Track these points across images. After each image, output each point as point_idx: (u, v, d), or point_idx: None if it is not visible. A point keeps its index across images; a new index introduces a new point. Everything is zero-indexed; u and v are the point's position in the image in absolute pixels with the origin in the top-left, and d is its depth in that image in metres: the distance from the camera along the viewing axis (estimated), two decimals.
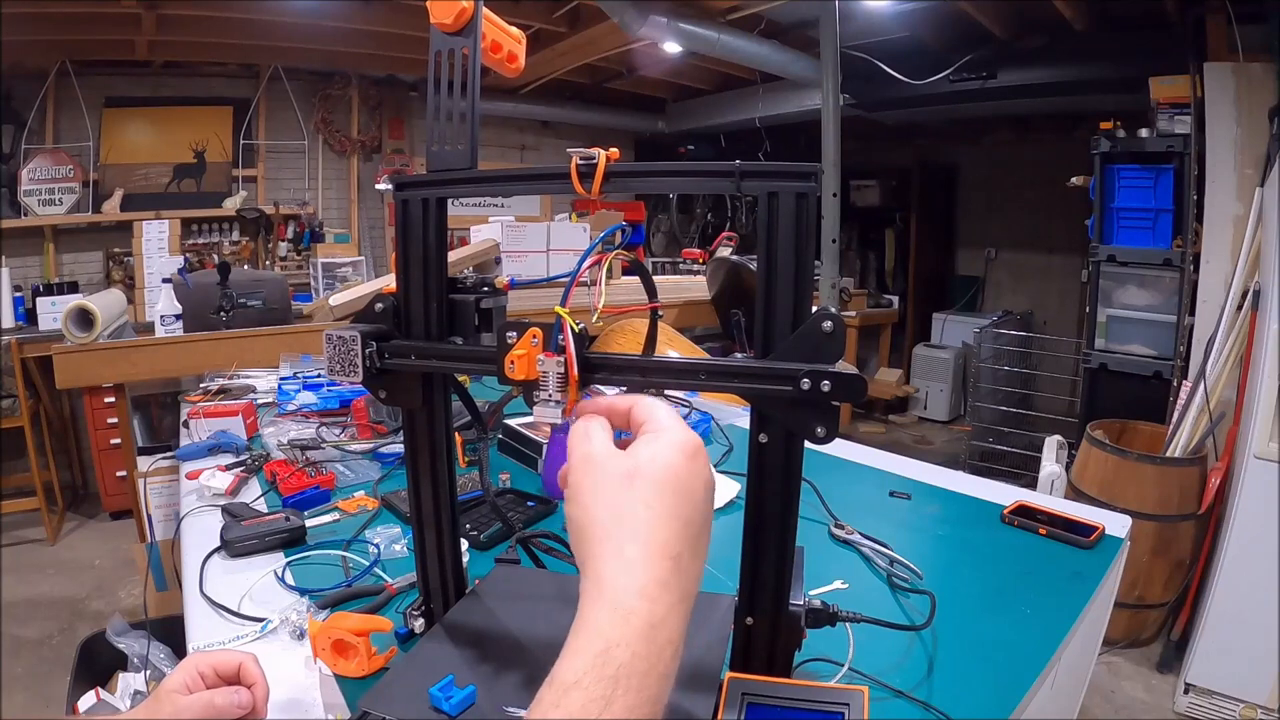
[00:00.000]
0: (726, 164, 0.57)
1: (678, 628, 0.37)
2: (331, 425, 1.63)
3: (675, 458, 0.42)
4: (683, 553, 0.39)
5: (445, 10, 0.64)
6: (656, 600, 0.36)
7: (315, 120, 5.11)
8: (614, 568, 0.38)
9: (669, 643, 0.36)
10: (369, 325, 0.68)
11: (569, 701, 0.33)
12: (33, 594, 2.93)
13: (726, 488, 1.25)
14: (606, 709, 0.33)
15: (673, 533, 0.40)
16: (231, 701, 0.63)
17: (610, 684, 0.33)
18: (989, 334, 4.32)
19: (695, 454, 0.44)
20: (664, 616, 0.36)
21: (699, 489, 0.43)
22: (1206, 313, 2.85)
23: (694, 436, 0.45)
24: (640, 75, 5.39)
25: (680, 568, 0.39)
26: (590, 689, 0.33)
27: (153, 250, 4.25)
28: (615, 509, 0.40)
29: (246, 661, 0.66)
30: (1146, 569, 2.41)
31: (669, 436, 0.44)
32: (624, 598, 0.36)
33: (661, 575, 0.37)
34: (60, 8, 3.51)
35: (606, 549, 0.39)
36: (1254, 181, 2.69)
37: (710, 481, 0.44)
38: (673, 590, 0.38)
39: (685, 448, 0.43)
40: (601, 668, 0.34)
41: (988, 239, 5.87)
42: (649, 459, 0.42)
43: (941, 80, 4.15)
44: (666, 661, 0.36)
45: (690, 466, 0.43)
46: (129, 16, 3.69)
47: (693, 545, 0.41)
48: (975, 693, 0.75)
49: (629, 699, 0.33)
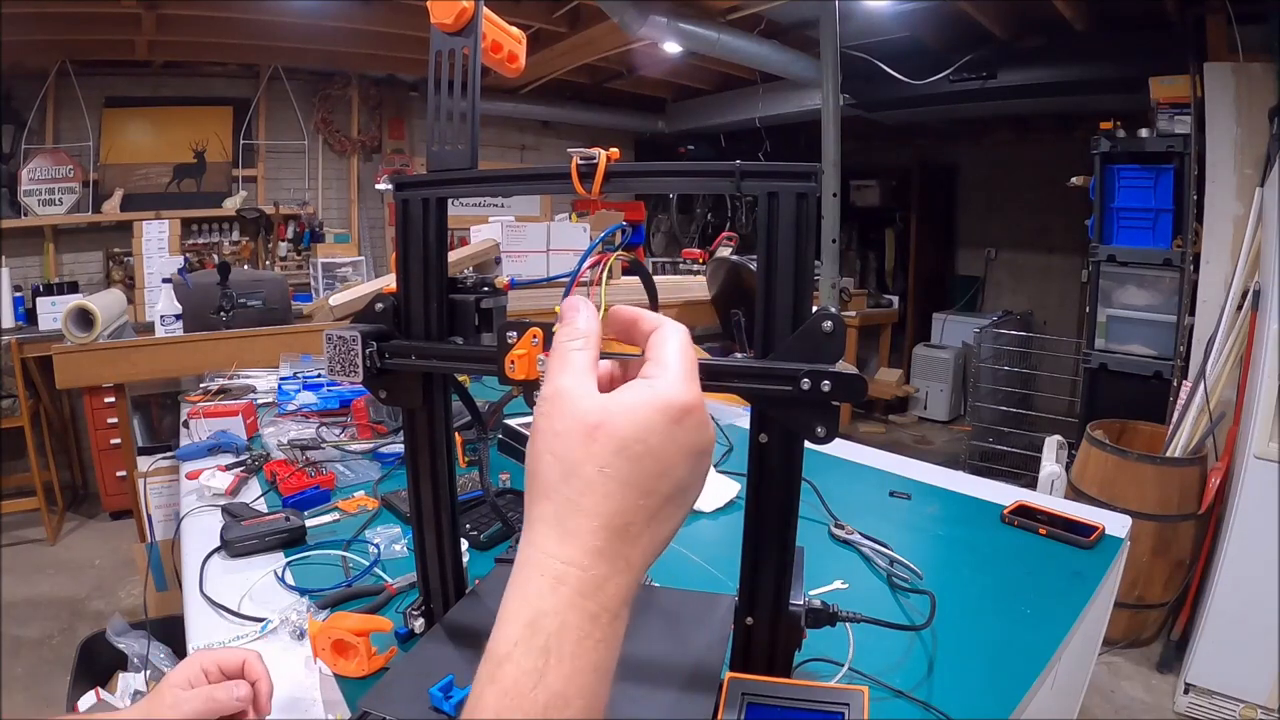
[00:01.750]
0: (726, 164, 0.57)
1: (617, 594, 0.34)
2: (331, 425, 1.63)
3: (653, 418, 0.36)
4: (635, 523, 0.35)
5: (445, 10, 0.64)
6: (590, 569, 0.34)
7: (315, 120, 5.11)
8: (548, 531, 0.35)
9: (604, 609, 0.33)
10: (369, 325, 0.68)
11: (503, 675, 0.32)
12: (33, 594, 2.93)
13: (726, 488, 1.25)
14: (540, 682, 0.31)
15: (627, 503, 0.35)
16: (231, 695, 0.63)
17: (541, 655, 0.32)
18: (989, 334, 4.32)
19: (681, 415, 0.37)
20: (600, 584, 0.34)
21: (676, 457, 0.37)
22: (1206, 313, 2.85)
23: (687, 394, 0.38)
24: (640, 75, 5.39)
25: (629, 537, 0.35)
26: (521, 661, 0.32)
27: (153, 250, 4.25)
28: (567, 464, 0.35)
29: (250, 658, 0.66)
30: (1146, 569, 2.41)
31: (656, 389, 0.37)
32: (553, 564, 0.34)
33: (600, 544, 0.34)
34: (60, 8, 3.51)
35: (546, 508, 0.35)
36: (1254, 181, 2.69)
37: (698, 446, 0.38)
38: (612, 559, 0.34)
39: (670, 407, 0.37)
40: (531, 639, 0.32)
41: (988, 239, 5.87)
42: (621, 413, 0.36)
43: (941, 80, 4.15)
44: (604, 628, 0.33)
45: (669, 431, 0.37)
46: (129, 16, 3.69)
47: (651, 516, 0.36)
48: (975, 693, 0.75)
49: (564, 668, 0.32)
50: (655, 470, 0.36)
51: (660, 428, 0.36)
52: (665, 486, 0.36)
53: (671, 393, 0.37)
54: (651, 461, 0.36)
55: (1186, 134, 2.96)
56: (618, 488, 0.35)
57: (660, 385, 0.38)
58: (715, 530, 1.17)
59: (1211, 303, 2.83)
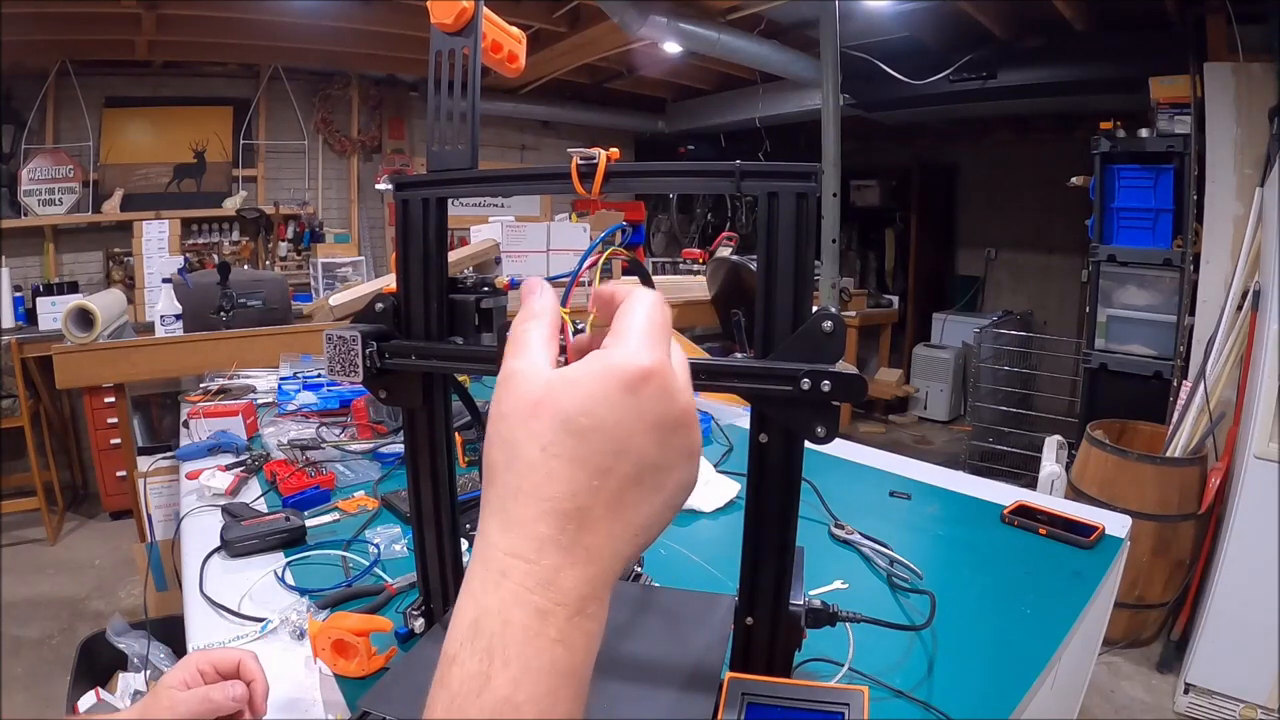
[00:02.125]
0: (726, 164, 0.57)
1: (576, 589, 0.31)
2: (331, 425, 1.63)
3: (600, 388, 0.32)
4: (590, 507, 0.31)
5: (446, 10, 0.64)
6: (536, 561, 0.30)
7: (315, 120, 5.11)
8: (492, 521, 0.32)
9: (559, 605, 0.30)
10: (369, 325, 0.68)
11: (450, 678, 0.30)
12: (33, 594, 2.93)
13: (726, 488, 1.25)
14: (487, 686, 0.29)
15: (577, 485, 0.31)
16: (227, 695, 0.63)
17: (485, 657, 0.29)
18: (989, 334, 4.32)
19: (637, 383, 0.32)
20: (550, 577, 0.30)
21: (634, 430, 0.32)
22: (1206, 313, 2.85)
23: (644, 358, 0.33)
24: (640, 75, 5.39)
25: (585, 523, 0.31)
26: (466, 664, 0.29)
27: (153, 250, 4.25)
28: (510, 446, 0.32)
29: (246, 659, 0.66)
30: (1146, 569, 2.41)
31: (608, 357, 0.33)
32: (496, 556, 0.31)
33: (548, 532, 0.31)
34: (60, 8, 3.51)
35: (491, 495, 0.33)
36: (1254, 181, 2.69)
37: (664, 417, 0.33)
38: (567, 548, 0.31)
39: (625, 375, 0.32)
40: (474, 640, 0.30)
41: (988, 239, 5.87)
42: (565, 386, 0.32)
43: (941, 80, 4.15)
44: (560, 625, 0.30)
45: (623, 400, 0.32)
46: (129, 16, 3.69)
47: (613, 499, 0.32)
48: (975, 693, 0.75)
49: (510, 671, 0.29)
50: (609, 447, 0.32)
51: (611, 398, 0.32)
52: (625, 465, 0.32)
53: (624, 358, 0.33)
54: (602, 437, 0.32)
55: (1186, 134, 2.96)
56: (563, 467, 0.31)
57: (615, 353, 0.33)
58: (715, 530, 1.17)
59: (1211, 303, 2.83)
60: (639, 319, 0.35)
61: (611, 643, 0.69)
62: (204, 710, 0.63)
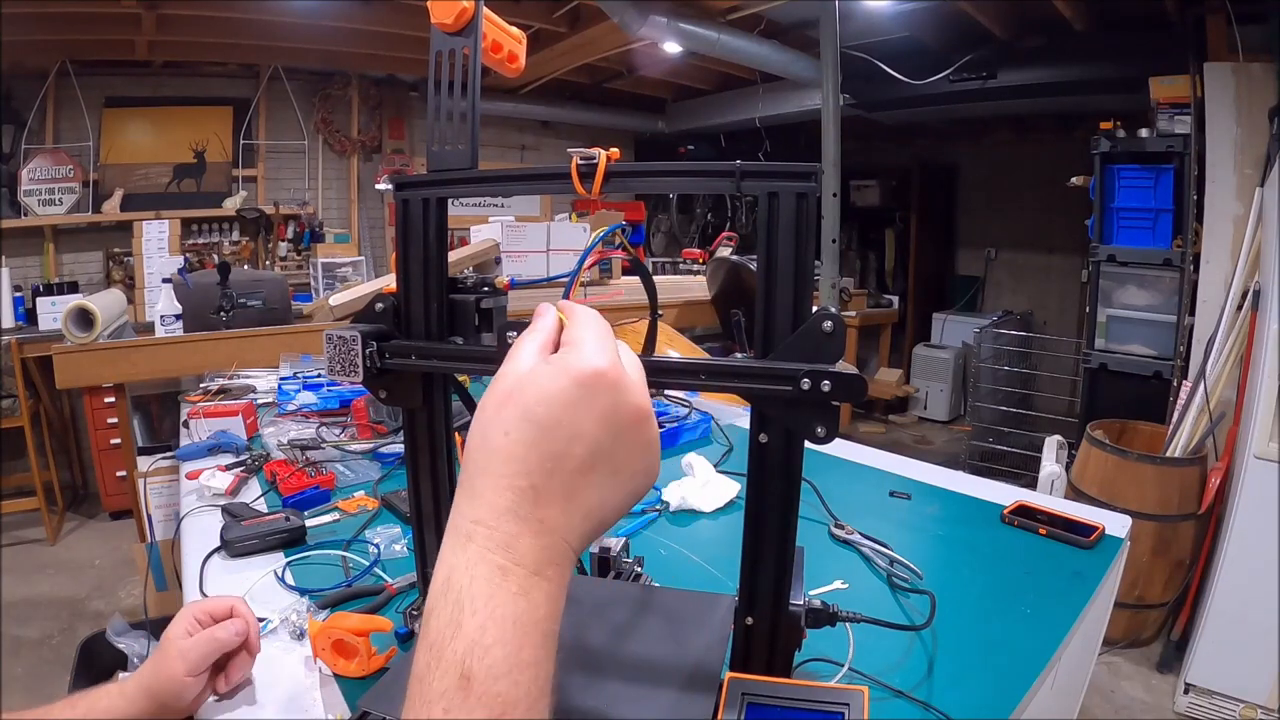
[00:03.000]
0: (726, 164, 0.57)
1: (530, 553, 0.36)
2: (331, 425, 1.63)
3: (557, 385, 0.38)
4: (543, 486, 0.37)
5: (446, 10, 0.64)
6: (496, 527, 0.36)
7: (315, 120, 5.11)
8: (462, 494, 0.38)
9: (518, 565, 0.35)
10: (369, 325, 0.68)
11: (428, 630, 0.34)
12: (33, 594, 2.93)
13: (726, 488, 1.25)
14: (458, 632, 0.33)
15: (531, 465, 0.37)
16: (230, 632, 0.70)
17: (456, 607, 0.34)
18: (989, 334, 4.32)
19: (590, 381, 0.38)
20: (508, 541, 0.35)
21: (586, 422, 0.38)
22: (1206, 313, 2.85)
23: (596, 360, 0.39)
24: (640, 75, 5.39)
25: (540, 499, 0.36)
26: (441, 614, 0.34)
27: (153, 250, 4.25)
28: (483, 433, 0.38)
29: (237, 604, 0.74)
30: (1146, 569, 2.41)
31: (568, 359, 0.39)
32: (464, 524, 0.36)
33: (506, 503, 0.36)
34: (60, 8, 3.51)
35: (464, 474, 0.38)
36: (1254, 181, 2.69)
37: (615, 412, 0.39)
38: (523, 518, 0.36)
39: (581, 374, 0.38)
40: (446, 593, 0.34)
41: (988, 239, 5.87)
42: (530, 381, 0.38)
43: (941, 80, 4.15)
44: (520, 581, 0.35)
45: (577, 395, 0.38)
46: (129, 16, 3.69)
47: (568, 481, 0.37)
48: (975, 693, 0.75)
49: (477, 618, 0.33)
50: (562, 434, 0.37)
51: (566, 394, 0.38)
52: (578, 450, 0.38)
53: (579, 360, 0.39)
54: (559, 426, 0.37)
55: (1186, 134, 2.96)
56: (521, 450, 0.37)
57: (569, 356, 0.39)
58: (715, 530, 1.17)
59: (1211, 303, 2.83)
60: (589, 330, 0.41)
61: (612, 643, 0.69)
62: (212, 650, 0.69)
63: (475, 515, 0.36)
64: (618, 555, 0.85)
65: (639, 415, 0.40)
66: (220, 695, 0.73)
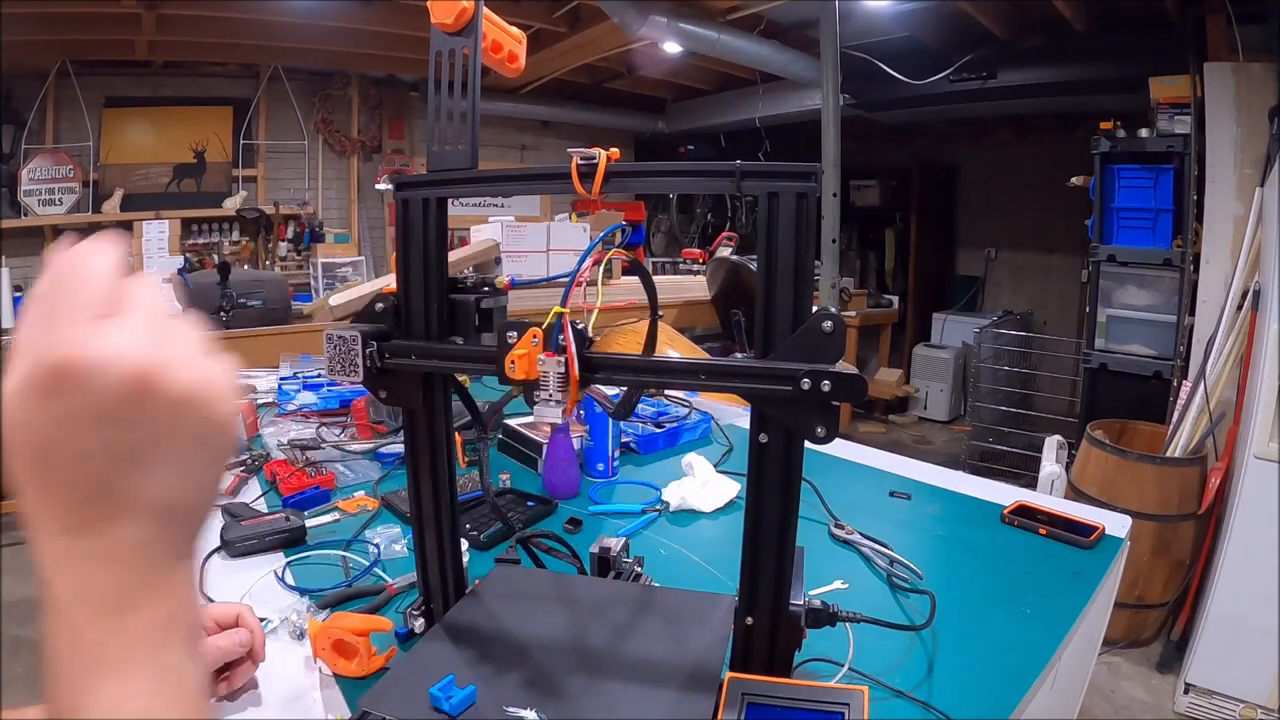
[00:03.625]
0: (726, 164, 0.57)
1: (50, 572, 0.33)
2: (331, 425, 1.62)
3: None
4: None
5: (446, 10, 0.64)
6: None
7: (315, 120, 5.11)
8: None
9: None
10: (369, 325, 0.68)
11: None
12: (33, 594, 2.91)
13: (726, 488, 1.25)
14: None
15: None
16: (234, 641, 0.70)
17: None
18: (989, 334, 4.32)
19: (51, 389, 0.28)
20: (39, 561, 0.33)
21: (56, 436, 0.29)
22: (1206, 313, 2.85)
23: (62, 356, 0.28)
24: (640, 75, 5.39)
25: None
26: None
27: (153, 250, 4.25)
28: None
29: (244, 612, 0.74)
30: (1146, 569, 2.41)
31: (27, 358, 0.29)
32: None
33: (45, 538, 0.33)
34: (60, 8, 3.51)
35: None
36: (1254, 181, 2.69)
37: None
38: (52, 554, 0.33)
39: (36, 379, 0.28)
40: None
41: (988, 239, 5.87)
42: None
43: (941, 80, 4.16)
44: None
45: (39, 407, 0.28)
46: (129, 16, 3.69)
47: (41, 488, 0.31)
48: (975, 693, 0.75)
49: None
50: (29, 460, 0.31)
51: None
52: (61, 475, 0.31)
53: (35, 362, 0.29)
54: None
55: (1186, 134, 2.95)
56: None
57: (26, 355, 0.29)
58: (715, 530, 1.17)
59: (1211, 303, 2.83)
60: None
61: (612, 643, 0.69)
62: (216, 659, 0.69)
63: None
64: (618, 555, 0.85)
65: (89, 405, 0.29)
66: (221, 698, 0.73)
